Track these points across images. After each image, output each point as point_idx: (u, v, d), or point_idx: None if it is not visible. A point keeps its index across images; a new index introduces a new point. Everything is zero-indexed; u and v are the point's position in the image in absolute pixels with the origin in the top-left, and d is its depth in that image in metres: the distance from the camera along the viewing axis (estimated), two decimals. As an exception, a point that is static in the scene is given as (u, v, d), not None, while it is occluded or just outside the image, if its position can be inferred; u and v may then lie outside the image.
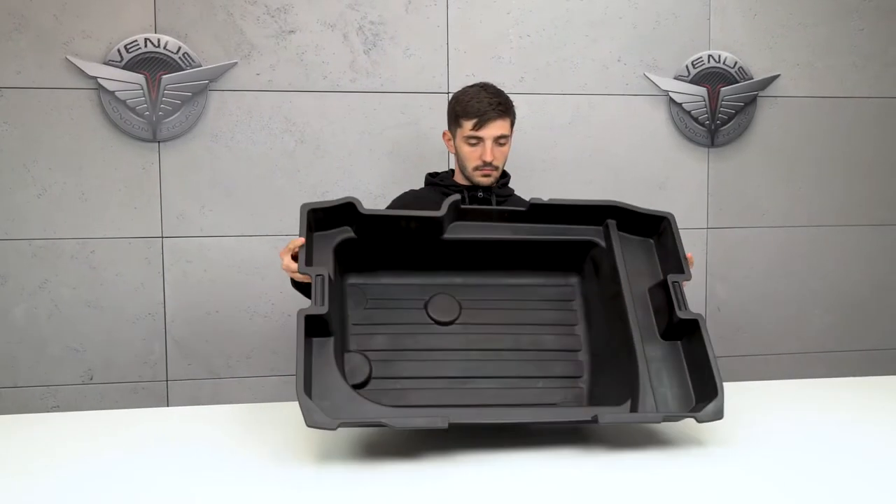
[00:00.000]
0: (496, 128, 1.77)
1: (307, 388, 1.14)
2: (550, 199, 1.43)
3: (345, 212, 1.36)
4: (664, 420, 1.19)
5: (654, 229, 1.45)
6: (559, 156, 2.46)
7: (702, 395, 1.24)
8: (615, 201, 1.44)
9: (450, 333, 1.41)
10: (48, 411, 2.23)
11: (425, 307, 1.42)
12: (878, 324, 2.68)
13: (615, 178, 2.49)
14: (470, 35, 2.39)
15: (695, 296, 2.57)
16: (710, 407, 1.18)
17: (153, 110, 2.22)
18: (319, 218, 1.36)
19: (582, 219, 1.45)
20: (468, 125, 1.77)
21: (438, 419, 1.12)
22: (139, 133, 2.22)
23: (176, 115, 2.23)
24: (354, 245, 1.39)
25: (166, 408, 2.20)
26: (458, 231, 1.43)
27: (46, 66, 2.19)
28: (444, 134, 1.90)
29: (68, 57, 2.18)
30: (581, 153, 2.47)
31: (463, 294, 1.45)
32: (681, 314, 1.29)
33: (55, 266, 2.23)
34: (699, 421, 1.17)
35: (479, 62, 2.40)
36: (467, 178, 1.85)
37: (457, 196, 1.41)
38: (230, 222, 2.31)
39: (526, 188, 2.38)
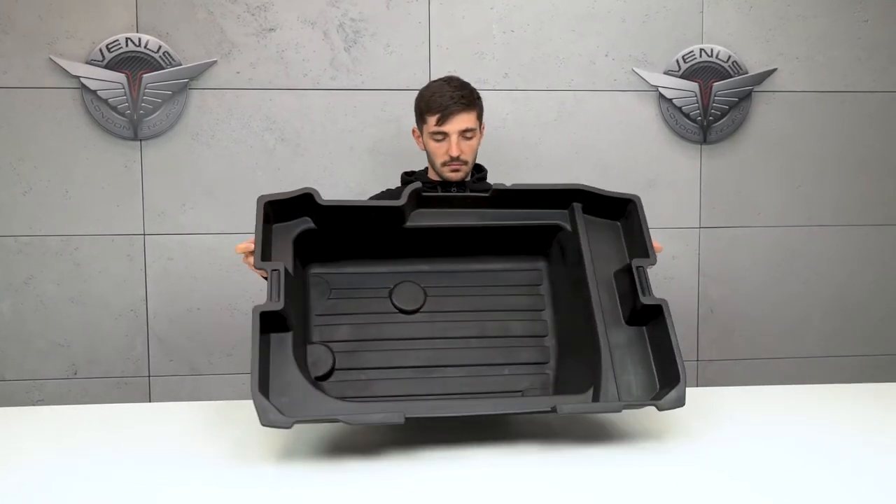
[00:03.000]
0: (461, 121, 1.74)
1: (262, 387, 1.12)
2: (513, 185, 1.39)
3: (303, 203, 1.34)
4: (624, 408, 1.15)
5: (621, 212, 1.40)
6: (544, 153, 2.42)
7: (665, 381, 1.21)
8: (580, 184, 1.39)
9: (414, 322, 1.39)
10: (33, 404, 2.28)
11: (390, 296, 1.40)
12: (882, 328, 2.57)
13: (603, 176, 2.43)
14: (452, 31, 2.36)
15: (687, 296, 2.50)
16: (672, 394, 1.15)
17: (134, 109, 2.24)
18: (277, 210, 1.33)
19: (547, 203, 1.41)
20: (432, 120, 1.75)
21: (395, 415, 1.09)
22: (121, 132, 2.25)
23: (157, 113, 2.25)
24: (316, 235, 1.37)
25: (146, 404, 2.23)
26: (421, 219, 1.39)
27: (32, 65, 2.23)
28: (413, 131, 1.88)
29: (52, 57, 2.22)
30: (567, 150, 2.42)
31: (428, 281, 1.42)
32: (644, 300, 1.24)
33: (40, 262, 2.28)
34: (660, 409, 1.13)
35: (462, 58, 2.36)
36: (438, 174, 1.83)
37: (417, 184, 1.39)
38: (211, 220, 2.32)
39: (510, 186, 2.36)
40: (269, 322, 1.20)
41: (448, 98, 1.72)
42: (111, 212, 2.29)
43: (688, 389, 1.29)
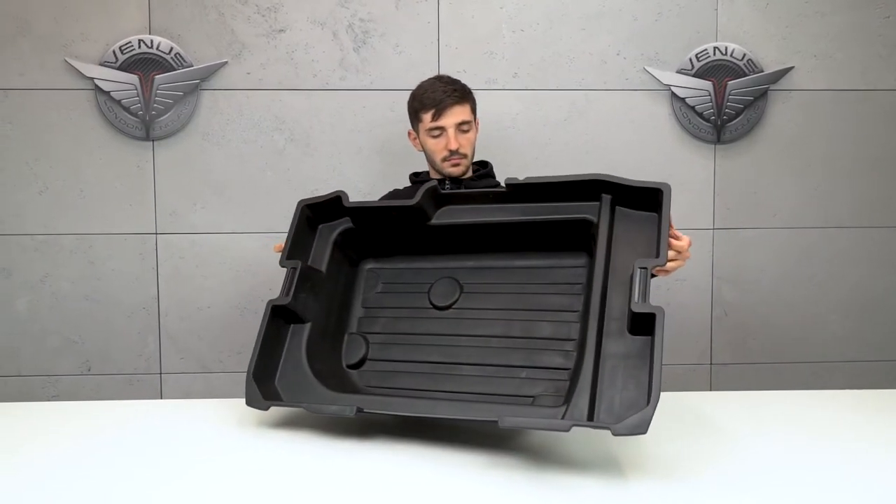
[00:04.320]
0: (456, 114, 1.76)
1: (258, 371, 1.27)
2: (526, 178, 1.33)
3: (338, 204, 1.44)
4: (570, 429, 1.02)
5: (655, 202, 1.25)
6: (555, 153, 2.40)
7: (647, 401, 1.05)
8: (601, 174, 1.27)
9: (444, 318, 1.40)
10: (48, 400, 2.33)
11: (428, 292, 1.44)
12: (903, 333, 2.50)
13: (613, 177, 2.40)
14: (461, 31, 2.35)
15: (700, 299, 2.45)
16: (632, 419, 1.00)
17: (146, 110, 2.27)
18: (316, 212, 1.45)
19: (573, 195, 1.32)
20: (427, 117, 1.77)
21: (347, 408, 1.18)
22: (133, 132, 2.28)
23: (168, 114, 2.28)
24: (361, 235, 1.46)
25: (157, 400, 2.26)
26: (449, 216, 1.41)
27: (47, 67, 2.27)
28: (408, 134, 1.89)
29: (67, 59, 2.26)
30: (578, 150, 2.40)
31: (468, 278, 1.43)
32: (635, 307, 1.10)
33: (55, 260, 2.32)
34: (614, 433, 0.99)
35: (471, 58, 2.36)
36: (439, 171, 1.84)
37: (433, 182, 1.40)
38: (221, 219, 2.34)
39: (519, 186, 2.34)
40: (283, 314, 1.35)
41: (441, 93, 1.75)
42: (124, 211, 2.32)
43: (699, 394, 1.25)
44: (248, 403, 1.25)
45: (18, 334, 2.33)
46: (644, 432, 1.00)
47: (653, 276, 1.20)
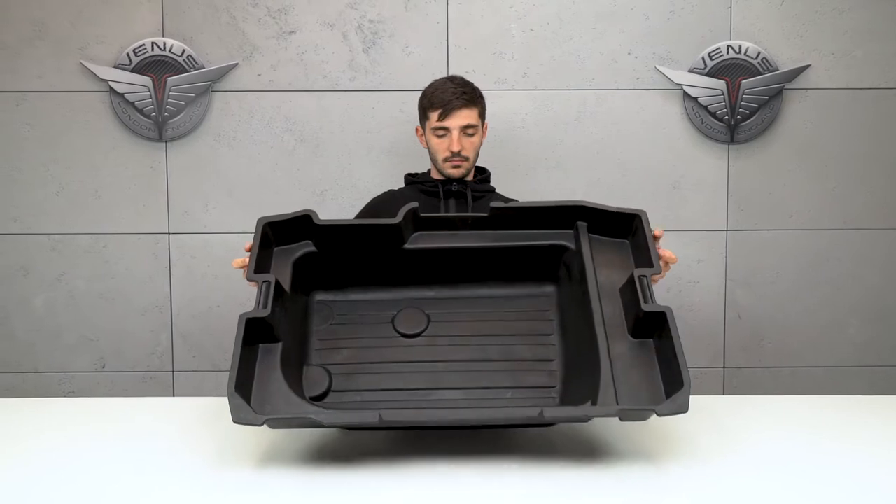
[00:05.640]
0: (462, 117, 1.76)
1: (239, 387, 1.12)
2: (512, 203, 1.38)
3: (303, 225, 1.35)
4: (620, 414, 1.06)
5: (628, 229, 1.35)
6: (565, 153, 2.38)
7: (670, 391, 1.13)
8: (582, 201, 1.35)
9: (415, 346, 1.36)
10: (64, 396, 2.38)
11: (392, 321, 1.38)
12: (924, 337, 2.43)
13: (624, 177, 2.38)
14: (471, 31, 2.35)
15: (713, 301, 2.42)
16: (672, 400, 1.06)
17: (159, 111, 2.31)
18: (277, 231, 1.35)
19: (551, 222, 1.38)
20: (434, 116, 1.78)
21: (370, 413, 1.07)
22: (147, 133, 2.32)
23: (181, 115, 2.32)
24: (319, 261, 1.37)
25: (169, 398, 2.30)
26: (422, 241, 1.39)
27: (64, 70, 2.32)
28: (416, 130, 1.90)
29: (83, 62, 2.31)
30: (588, 150, 2.38)
31: (432, 307, 1.39)
32: (646, 307, 1.18)
33: (71, 259, 2.37)
34: (659, 414, 1.05)
35: (481, 58, 2.35)
36: (440, 171, 1.85)
37: (414, 204, 1.38)
38: (233, 220, 2.37)
39: (529, 188, 2.34)
40: (256, 330, 1.20)
41: (450, 94, 1.75)
42: (138, 211, 2.36)
43: (711, 398, 1.24)
44: (238, 421, 1.06)
45: (35, 331, 2.38)
46: (686, 411, 1.05)
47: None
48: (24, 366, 2.39)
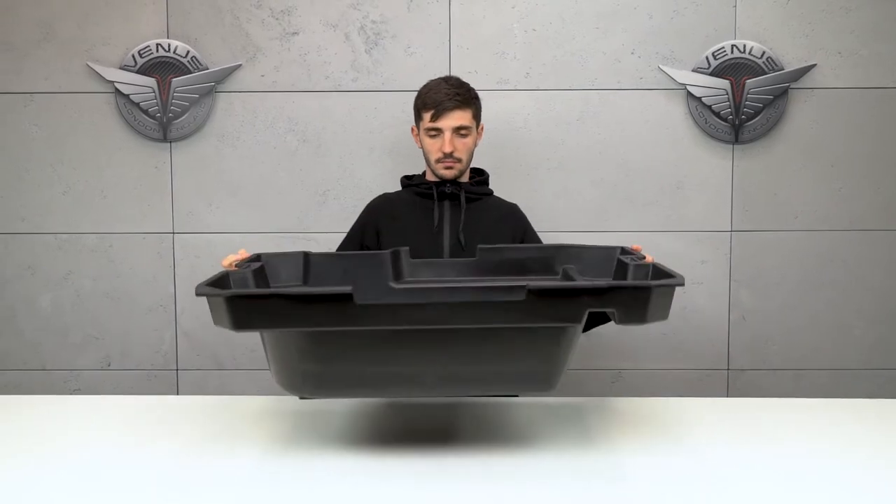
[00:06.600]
0: (455, 118, 1.76)
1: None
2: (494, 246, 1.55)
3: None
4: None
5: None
6: (567, 154, 2.37)
7: None
8: (561, 244, 1.50)
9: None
10: (70, 393, 2.40)
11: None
12: (932, 340, 2.40)
13: (627, 177, 2.37)
14: (473, 31, 2.35)
15: (717, 303, 2.40)
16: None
17: (164, 112, 2.33)
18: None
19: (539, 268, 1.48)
20: (427, 116, 1.78)
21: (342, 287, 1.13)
22: (151, 134, 2.34)
23: (185, 116, 2.33)
24: None
25: (173, 396, 2.32)
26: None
27: (70, 71, 2.34)
28: (412, 129, 1.90)
29: (89, 63, 2.33)
30: (591, 151, 2.37)
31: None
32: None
33: (77, 258, 2.39)
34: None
35: (483, 58, 2.35)
36: (433, 172, 1.85)
37: (405, 248, 1.54)
38: (236, 219, 2.39)
39: (531, 188, 2.34)
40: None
41: (444, 95, 1.75)
42: (143, 211, 2.38)
43: (715, 400, 1.23)
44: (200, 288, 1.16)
45: (42, 330, 2.41)
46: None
47: None
48: (31, 363, 2.42)
